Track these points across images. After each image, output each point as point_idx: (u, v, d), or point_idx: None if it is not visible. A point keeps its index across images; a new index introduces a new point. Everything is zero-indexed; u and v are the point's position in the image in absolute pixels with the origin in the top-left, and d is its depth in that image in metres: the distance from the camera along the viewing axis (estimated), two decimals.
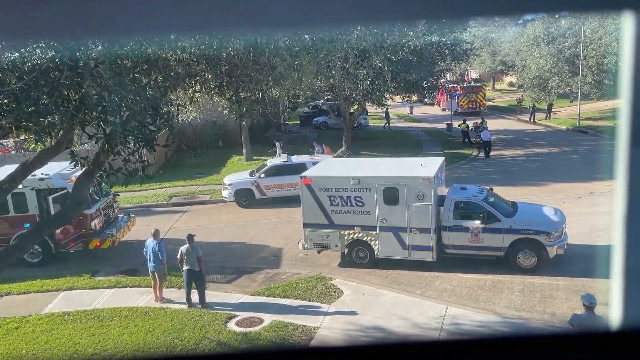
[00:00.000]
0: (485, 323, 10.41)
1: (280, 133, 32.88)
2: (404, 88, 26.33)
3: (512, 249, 12.57)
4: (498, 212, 12.71)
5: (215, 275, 13.34)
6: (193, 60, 7.82)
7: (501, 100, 51.56)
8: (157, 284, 12.04)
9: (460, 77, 49.92)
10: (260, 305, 11.67)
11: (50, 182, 13.99)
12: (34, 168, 9.06)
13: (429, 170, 13.20)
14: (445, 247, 13.05)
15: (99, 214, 15.03)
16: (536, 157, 25.82)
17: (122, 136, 6.80)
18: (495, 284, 12.09)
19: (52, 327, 10.99)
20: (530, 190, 19.22)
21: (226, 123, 29.36)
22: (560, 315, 10.46)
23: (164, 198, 21.27)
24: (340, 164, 16.30)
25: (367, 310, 11.20)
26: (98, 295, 12.62)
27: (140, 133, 6.73)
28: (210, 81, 8.83)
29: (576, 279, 11.91)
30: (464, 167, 24.53)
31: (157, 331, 10.64)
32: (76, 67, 6.47)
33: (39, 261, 14.61)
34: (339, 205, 13.33)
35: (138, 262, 13.88)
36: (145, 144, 6.89)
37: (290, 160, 20.23)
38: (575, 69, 32.83)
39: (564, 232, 12.79)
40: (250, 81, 8.73)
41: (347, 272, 13.28)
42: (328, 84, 22.09)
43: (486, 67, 56.34)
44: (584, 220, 15.33)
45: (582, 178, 19.94)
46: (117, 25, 0.54)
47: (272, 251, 15.12)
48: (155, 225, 15.03)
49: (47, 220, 11.64)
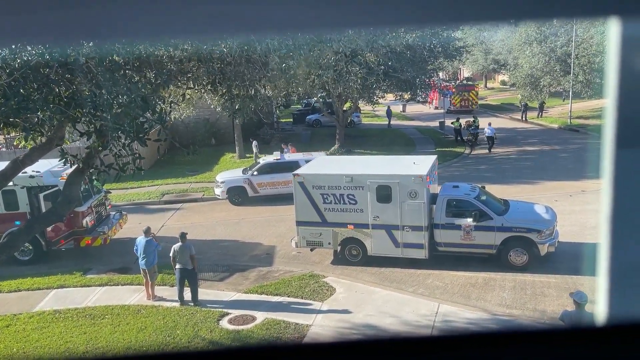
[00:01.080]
0: (476, 320, 10.48)
1: (273, 131, 32.85)
2: (396, 86, 26.38)
3: (503, 246, 12.64)
4: (490, 210, 12.78)
5: (207, 273, 13.32)
6: (185, 57, 7.79)
7: (493, 99, 51.79)
8: (149, 282, 12.00)
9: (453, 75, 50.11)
10: (253, 303, 11.67)
11: (40, 180, 13.90)
12: (25, 165, 9.00)
13: (422, 168, 13.24)
14: (438, 244, 13.11)
15: (91, 211, 14.95)
16: (528, 155, 25.97)
17: (112, 130, 6.76)
18: (486, 282, 12.16)
19: (43, 326, 10.93)
20: (522, 188, 19.34)
21: (219, 121, 29.33)
22: (551, 312, 10.55)
23: (156, 196, 21.19)
24: (333, 162, 16.31)
25: (359, 308, 11.23)
26: (90, 293, 12.56)
27: (131, 127, 6.70)
28: (203, 78, 8.81)
29: (567, 277, 12.01)
30: (457, 165, 24.63)
31: (149, 329, 10.61)
32: (66, 63, 6.43)
33: (30, 259, 14.51)
34: (332, 203, 13.35)
35: (130, 260, 13.83)
36: (136, 137, 6.86)
37: (283, 158, 20.22)
38: (566, 68, 33.03)
39: (555, 230, 12.88)
40: (243, 78, 8.72)
41: (339, 270, 13.31)
42: (321, 82, 22.08)
43: (478, 66, 56.55)
44: (575, 218, 15.45)
45: (573, 176, 20.09)
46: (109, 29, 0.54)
47: (264, 249, 15.11)
48: (148, 223, 14.97)
49: (38, 218, 11.57)
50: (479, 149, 27.91)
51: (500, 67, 54.27)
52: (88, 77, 6.58)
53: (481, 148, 28.10)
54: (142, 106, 6.73)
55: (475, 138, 28.51)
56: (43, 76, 6.57)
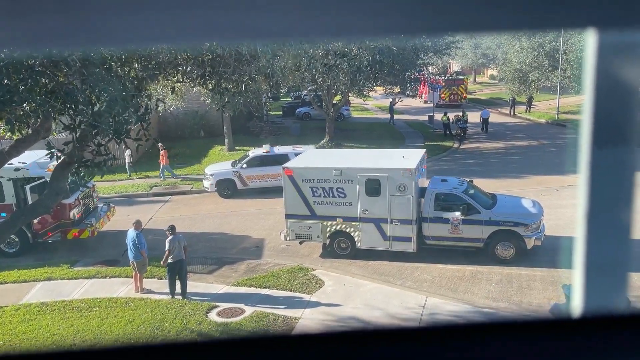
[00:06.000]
0: (463, 313, 10.60)
1: (263, 124, 32.74)
2: (386, 80, 26.40)
3: (491, 240, 12.77)
4: (478, 204, 12.89)
5: (196, 266, 13.30)
6: (174, 49, 7.74)
7: (482, 93, 52.04)
8: (137, 275, 11.95)
9: (443, 69, 50.35)
10: (242, 295, 11.68)
11: (26, 172, 13.75)
12: (10, 157, 8.90)
13: (411, 162, 13.31)
14: (426, 238, 13.21)
15: (78, 203, 14.83)
16: (516, 149, 26.18)
17: (91, 127, 6.70)
18: (474, 275, 12.29)
19: (29, 318, 10.86)
20: (510, 182, 19.51)
21: (208, 113, 29.14)
22: (537, 305, 10.70)
23: (145, 188, 21.06)
24: (323, 155, 16.32)
25: (348, 300, 11.30)
26: (77, 285, 12.49)
27: (110, 125, 6.64)
28: (193, 71, 8.75)
29: (552, 270, 12.17)
30: (445, 159, 24.77)
31: (138, 322, 10.59)
32: (50, 55, 6.36)
33: (16, 251, 14.38)
34: (321, 197, 13.37)
35: (118, 252, 13.77)
36: (115, 135, 6.80)
37: (273, 151, 20.19)
38: (555, 63, 33.27)
39: (541, 224, 13.03)
40: (232, 72, 8.68)
41: (328, 263, 13.36)
42: (310, 75, 22.03)
43: (468, 60, 56.74)
44: (562, 212, 15.63)
45: (559, 171, 20.29)
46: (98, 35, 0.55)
47: (253, 242, 15.11)
48: (136, 215, 14.89)
49: (24, 210, 11.46)
50: (468, 143, 28.07)
51: (489, 61, 54.52)
52: (73, 69, 6.51)
53: (470, 142, 28.26)
54: (122, 105, 6.67)
55: (464, 132, 28.66)
56: (28, 68, 6.49)
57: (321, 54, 14.67)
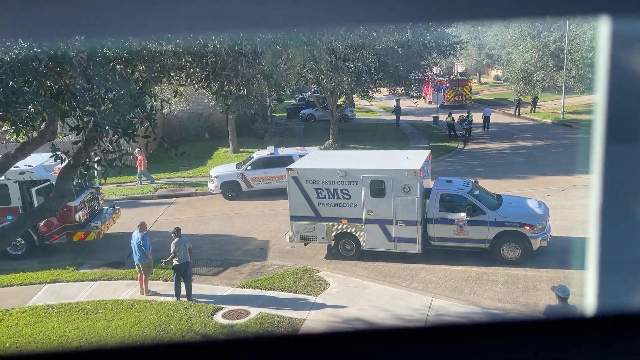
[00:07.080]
0: (469, 314, 10.55)
1: (267, 125, 32.76)
2: (390, 81, 26.36)
3: (496, 241, 12.71)
4: (483, 205, 12.84)
5: (201, 268, 13.31)
6: (178, 51, 7.75)
7: (487, 94, 51.90)
8: (143, 277, 11.97)
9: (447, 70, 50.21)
10: (247, 297, 11.68)
11: (32, 175, 13.80)
12: (17, 160, 8.94)
13: (415, 163, 13.27)
14: (431, 239, 13.16)
15: (84, 206, 14.88)
16: (521, 150, 26.08)
17: (102, 126, 6.72)
18: (479, 276, 12.23)
19: (36, 320, 10.89)
20: (515, 183, 19.43)
21: (212, 115, 29.21)
22: (543, 306, 10.63)
23: (150, 190, 21.11)
24: (327, 157, 16.31)
25: (353, 302, 11.27)
26: (83, 287, 12.52)
27: (118, 123, 6.65)
28: (197, 73, 8.76)
29: (559, 271, 12.11)
30: (450, 160, 24.70)
31: (143, 324, 10.60)
32: (56, 56, 6.37)
33: (22, 254, 14.44)
34: (326, 198, 13.36)
35: (123, 254, 13.79)
36: (123, 133, 6.82)
37: (277, 153, 20.20)
38: (560, 63, 33.14)
39: (547, 225, 12.97)
40: (236, 75, 8.68)
41: (333, 265, 13.34)
42: (315, 76, 22.02)
43: (472, 61, 56.62)
44: (567, 212, 15.55)
45: (565, 171, 20.19)
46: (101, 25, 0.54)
47: (258, 244, 15.11)
48: (141, 217, 14.92)
49: (30, 213, 11.50)
50: (473, 144, 27.99)
51: (493, 62, 54.37)
52: (78, 70, 6.52)
53: (475, 143, 28.18)
54: (130, 103, 6.68)
55: (468, 133, 28.58)
56: (33, 69, 6.51)
57: (325, 51, 14.60)
